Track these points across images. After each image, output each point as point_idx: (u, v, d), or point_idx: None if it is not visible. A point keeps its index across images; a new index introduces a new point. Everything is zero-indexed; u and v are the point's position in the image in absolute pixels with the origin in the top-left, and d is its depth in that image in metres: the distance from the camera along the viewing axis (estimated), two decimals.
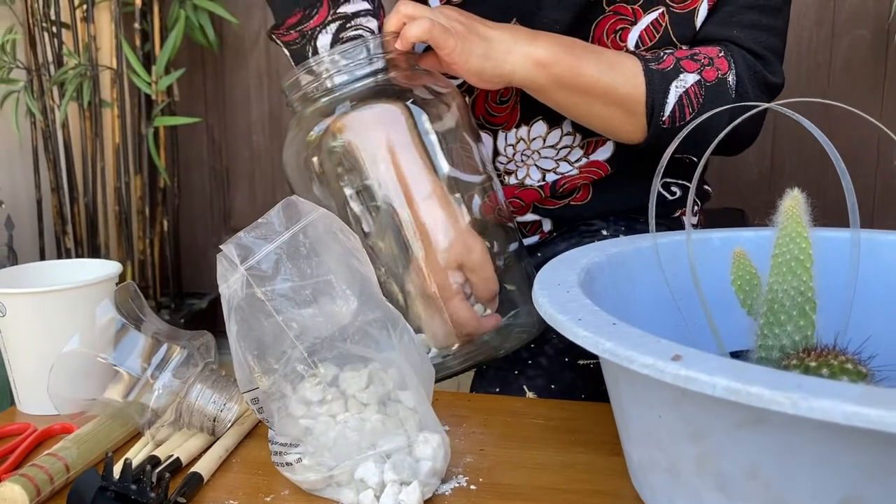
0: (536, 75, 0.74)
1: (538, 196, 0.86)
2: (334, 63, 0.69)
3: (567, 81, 0.74)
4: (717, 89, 0.76)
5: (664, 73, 0.76)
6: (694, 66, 0.76)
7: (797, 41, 1.89)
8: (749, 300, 0.54)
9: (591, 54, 0.75)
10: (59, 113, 1.94)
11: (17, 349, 0.68)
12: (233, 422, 0.62)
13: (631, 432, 0.48)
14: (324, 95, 0.69)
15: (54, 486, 0.55)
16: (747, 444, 0.38)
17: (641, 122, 0.77)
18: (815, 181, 1.84)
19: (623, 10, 0.80)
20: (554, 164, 0.85)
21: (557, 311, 0.45)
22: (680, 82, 0.76)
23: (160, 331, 0.62)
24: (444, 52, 0.71)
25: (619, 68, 0.75)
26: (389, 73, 0.70)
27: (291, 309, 0.53)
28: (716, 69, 0.77)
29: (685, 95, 0.76)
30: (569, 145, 0.85)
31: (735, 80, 0.77)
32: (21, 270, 0.74)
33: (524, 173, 0.86)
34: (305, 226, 0.56)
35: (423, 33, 0.69)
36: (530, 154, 0.85)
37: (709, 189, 0.95)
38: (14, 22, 1.95)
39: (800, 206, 0.50)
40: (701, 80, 0.76)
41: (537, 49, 0.73)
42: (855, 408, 0.32)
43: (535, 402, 0.69)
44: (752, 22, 0.78)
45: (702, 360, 0.37)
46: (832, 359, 0.44)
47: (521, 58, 0.73)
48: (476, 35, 0.72)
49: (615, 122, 0.78)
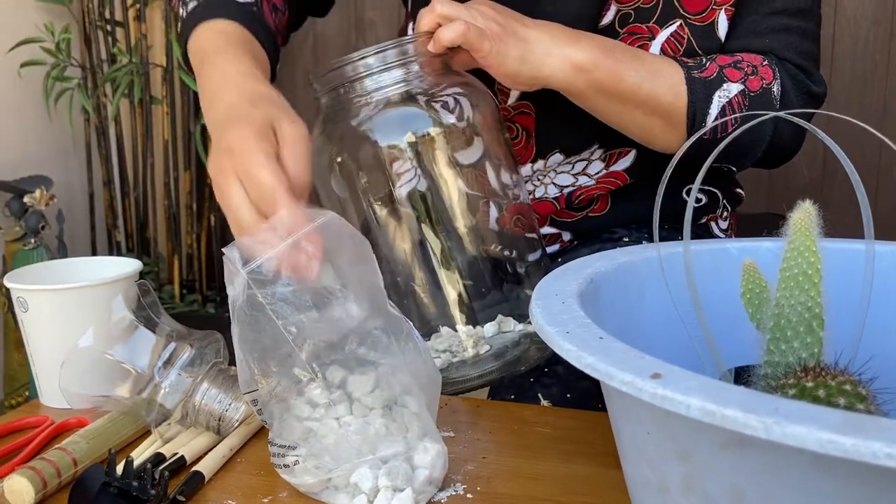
0: (575, 80, 0.71)
1: (553, 208, 0.84)
2: (365, 63, 0.67)
3: (607, 88, 0.71)
4: (762, 99, 0.74)
5: (707, 81, 0.73)
6: (738, 75, 0.74)
7: (853, 41, 1.83)
8: (758, 314, 0.52)
9: (633, 59, 0.72)
10: (111, 109, 2.00)
11: (39, 343, 0.70)
12: (239, 422, 0.62)
13: (624, 448, 0.47)
14: (352, 94, 0.68)
15: (61, 479, 0.56)
16: (730, 467, 0.37)
17: (682, 132, 0.75)
18: (869, 188, 1.78)
19: (638, 29, 0.77)
20: (572, 180, 0.84)
21: (547, 322, 0.44)
22: (723, 92, 0.73)
23: (171, 330, 0.63)
24: (478, 55, 0.68)
25: (662, 76, 0.73)
26: (420, 74, 0.68)
27: (292, 313, 0.54)
28: (760, 78, 0.74)
29: (728, 106, 0.73)
30: (587, 159, 0.83)
31: (780, 91, 0.75)
32: (47, 266, 0.76)
33: (542, 192, 0.85)
34: (310, 230, 0.56)
35: (458, 38, 0.66)
36: (546, 173, 0.84)
37: (741, 192, 0.93)
38: (69, 21, 2.01)
39: (810, 219, 0.48)
40: (745, 90, 0.73)
41: (577, 52, 0.70)
42: (830, 435, 0.30)
43: (544, 410, 0.68)
44: (782, 27, 0.76)
45: (681, 378, 0.36)
46: (830, 379, 0.42)
47: (559, 61, 0.70)
48: (513, 36, 0.69)
49: (655, 131, 0.76)
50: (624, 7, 0.77)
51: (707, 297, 0.57)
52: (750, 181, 1.79)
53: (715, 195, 0.89)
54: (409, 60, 0.68)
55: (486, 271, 0.72)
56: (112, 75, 1.94)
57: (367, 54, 0.67)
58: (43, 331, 0.69)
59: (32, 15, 1.94)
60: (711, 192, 0.87)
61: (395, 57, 0.67)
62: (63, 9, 1.99)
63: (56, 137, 2.04)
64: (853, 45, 1.83)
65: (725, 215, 0.90)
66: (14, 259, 1.81)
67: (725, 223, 0.90)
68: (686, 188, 0.85)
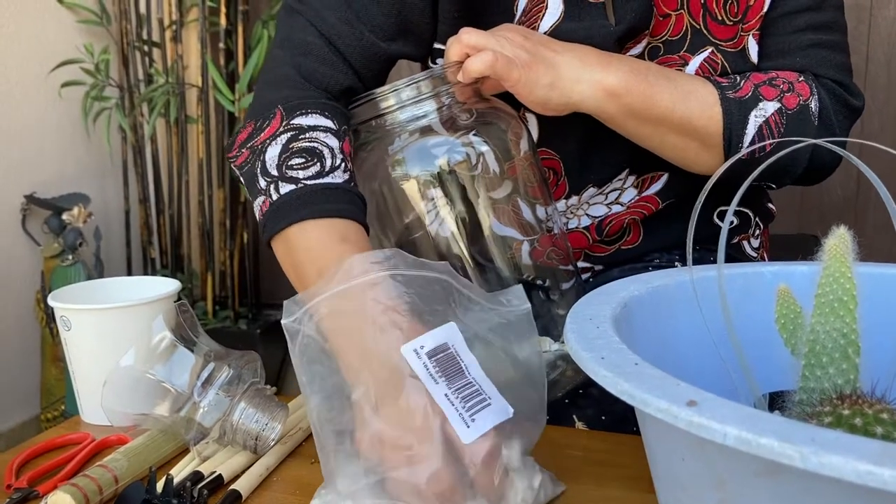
0: (607, 105, 0.70)
1: (586, 241, 0.84)
2: (396, 94, 0.68)
3: (639, 112, 0.71)
4: (799, 117, 0.73)
5: (742, 101, 0.72)
6: (773, 93, 0.73)
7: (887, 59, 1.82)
8: (793, 339, 0.52)
9: (665, 81, 0.71)
10: (147, 128, 2.03)
11: (81, 361, 0.71)
12: (276, 441, 0.63)
13: (658, 473, 0.47)
14: (385, 125, 0.69)
15: (103, 496, 0.57)
16: (766, 494, 0.37)
17: (718, 154, 0.74)
18: None
19: (669, 59, 0.77)
20: (606, 210, 0.83)
21: (582, 348, 0.45)
22: (759, 111, 0.72)
23: (210, 350, 0.64)
24: (507, 84, 0.68)
25: (695, 97, 0.72)
26: (451, 104, 0.69)
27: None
28: (797, 95, 0.73)
29: (765, 125, 0.72)
30: (619, 188, 0.83)
31: (818, 107, 0.73)
32: (88, 286, 0.78)
33: (575, 224, 0.84)
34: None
35: (486, 69, 0.66)
36: (580, 206, 0.84)
37: (772, 208, 0.92)
38: (108, 42, 2.05)
39: (845, 245, 0.48)
40: (782, 108, 0.72)
41: (609, 76, 0.69)
42: (868, 466, 0.30)
43: (578, 433, 0.68)
44: (809, 43, 0.75)
45: (717, 406, 0.36)
46: (867, 408, 0.42)
47: (589, 86, 0.69)
48: (542, 63, 0.68)
49: (689, 154, 0.75)
50: (654, 41, 0.77)
51: (741, 321, 0.57)
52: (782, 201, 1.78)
53: (747, 215, 0.88)
54: (441, 91, 0.68)
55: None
56: (149, 95, 1.98)
57: (399, 84, 0.68)
58: (85, 349, 0.71)
59: (73, 36, 1.99)
60: (743, 212, 0.87)
61: (426, 88, 0.68)
62: (102, 30, 2.03)
63: (94, 156, 2.08)
64: (887, 64, 1.81)
65: (757, 233, 0.90)
66: (52, 275, 1.85)
67: (757, 241, 0.90)
68: (717, 210, 0.85)
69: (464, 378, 0.53)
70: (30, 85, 1.89)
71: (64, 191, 1.94)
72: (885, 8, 1.82)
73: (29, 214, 1.87)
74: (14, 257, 1.85)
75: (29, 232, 1.88)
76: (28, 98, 1.88)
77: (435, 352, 0.53)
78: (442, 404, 0.52)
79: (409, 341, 0.53)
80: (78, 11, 1.99)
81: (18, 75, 1.86)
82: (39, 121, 1.91)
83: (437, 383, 0.52)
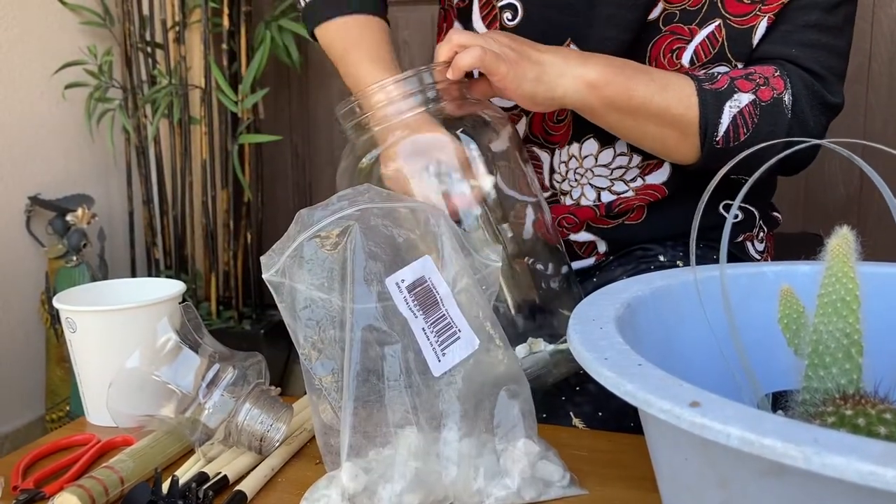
0: (588, 97, 0.73)
1: (593, 214, 0.86)
2: (387, 93, 0.70)
3: (619, 103, 0.74)
4: (773, 109, 0.75)
5: (718, 93, 0.75)
6: (748, 86, 0.75)
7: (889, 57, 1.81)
8: (796, 339, 0.52)
9: (643, 75, 0.75)
10: (150, 129, 2.04)
11: (86, 363, 0.72)
12: (280, 442, 0.63)
13: (661, 472, 0.47)
14: (376, 124, 0.71)
15: (109, 497, 0.58)
16: (769, 494, 0.37)
17: (695, 143, 0.76)
18: None
19: (679, 30, 0.79)
20: (608, 183, 0.85)
21: (586, 349, 0.45)
22: (734, 102, 0.74)
23: (214, 351, 0.64)
24: (496, 78, 0.71)
25: (672, 89, 0.75)
26: (441, 102, 0.71)
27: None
28: (771, 88, 0.75)
29: (739, 116, 0.74)
30: (623, 165, 0.84)
31: (791, 100, 0.75)
32: (93, 288, 0.78)
33: (579, 193, 0.86)
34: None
35: (475, 61, 0.69)
36: (583, 173, 0.85)
37: (778, 216, 0.92)
38: (111, 44, 2.05)
39: (848, 245, 0.48)
40: (756, 100, 0.75)
41: (589, 71, 0.73)
42: (871, 467, 0.31)
43: (581, 432, 0.68)
44: (812, 41, 0.76)
45: (720, 407, 0.36)
46: (870, 408, 0.42)
47: (572, 80, 0.73)
48: (528, 60, 0.72)
49: (669, 143, 0.77)
50: (670, 7, 0.78)
51: (744, 321, 0.57)
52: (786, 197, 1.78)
53: (752, 213, 0.89)
54: (429, 87, 0.71)
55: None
56: (152, 96, 1.98)
57: (388, 83, 0.70)
58: (91, 351, 0.71)
59: (76, 38, 1.99)
60: (748, 209, 0.87)
61: (415, 84, 0.70)
62: (105, 32, 2.04)
63: (97, 157, 2.08)
64: (890, 62, 1.81)
65: (762, 236, 0.90)
66: (56, 276, 1.85)
67: (762, 245, 0.90)
68: (723, 203, 0.85)
69: (438, 311, 0.57)
70: (33, 86, 1.89)
71: (68, 192, 1.95)
72: (888, 6, 1.81)
73: (33, 216, 1.88)
74: (18, 259, 1.86)
75: (33, 233, 1.88)
76: (32, 100, 1.89)
77: (414, 285, 0.57)
78: (419, 338, 0.56)
79: (391, 275, 0.57)
80: (81, 13, 1.99)
81: (22, 77, 1.86)
82: (43, 122, 1.92)
83: (416, 317, 0.57)
